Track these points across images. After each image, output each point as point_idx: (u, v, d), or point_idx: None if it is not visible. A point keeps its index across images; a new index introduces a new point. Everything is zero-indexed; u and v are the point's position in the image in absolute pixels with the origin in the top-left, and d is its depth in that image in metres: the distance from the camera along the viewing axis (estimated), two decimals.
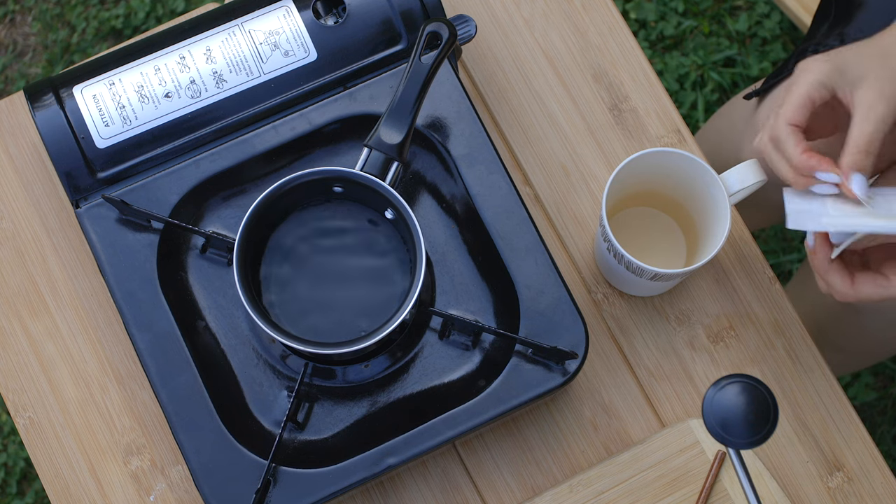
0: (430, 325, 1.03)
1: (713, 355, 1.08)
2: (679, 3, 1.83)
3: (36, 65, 1.87)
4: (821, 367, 1.08)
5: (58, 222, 1.09)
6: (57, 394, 1.06)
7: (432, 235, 1.04)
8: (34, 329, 1.07)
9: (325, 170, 0.99)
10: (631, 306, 1.08)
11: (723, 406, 0.87)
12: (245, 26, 1.04)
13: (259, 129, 1.04)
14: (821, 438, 1.06)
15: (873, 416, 1.71)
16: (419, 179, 1.05)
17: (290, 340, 0.96)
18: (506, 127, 1.12)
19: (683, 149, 1.11)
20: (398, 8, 1.05)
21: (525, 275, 1.01)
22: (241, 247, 0.97)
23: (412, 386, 1.02)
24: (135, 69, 1.03)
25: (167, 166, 1.03)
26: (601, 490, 1.03)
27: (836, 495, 1.05)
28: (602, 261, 1.06)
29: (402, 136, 0.98)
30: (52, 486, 1.05)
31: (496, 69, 1.13)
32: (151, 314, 1.00)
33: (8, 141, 1.11)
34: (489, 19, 1.14)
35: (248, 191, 1.05)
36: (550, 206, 1.10)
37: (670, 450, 1.04)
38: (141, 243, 1.02)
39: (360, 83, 1.05)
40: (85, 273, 1.08)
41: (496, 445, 1.06)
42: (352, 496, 1.04)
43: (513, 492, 1.05)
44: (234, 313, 1.03)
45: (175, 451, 1.05)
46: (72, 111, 1.02)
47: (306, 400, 1.01)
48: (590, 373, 1.07)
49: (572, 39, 1.14)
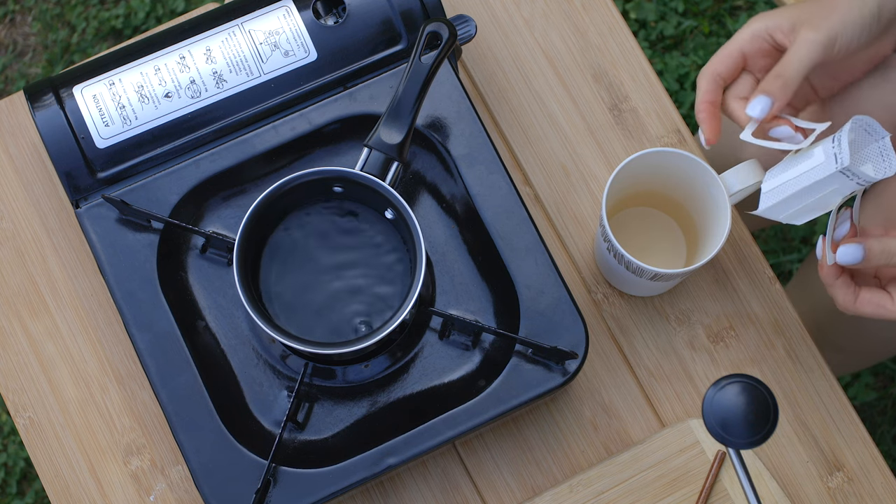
0: (430, 325, 1.03)
1: (713, 355, 1.08)
2: (679, 3, 1.83)
3: (36, 65, 1.87)
4: (821, 367, 1.08)
5: (58, 222, 1.09)
6: (57, 394, 1.06)
7: (432, 235, 1.04)
8: (34, 329, 1.07)
9: (325, 170, 0.99)
10: (631, 306, 1.08)
11: (723, 406, 0.87)
12: (245, 26, 1.04)
13: (259, 129, 1.04)
14: (821, 438, 1.06)
15: (873, 416, 1.71)
16: (419, 179, 1.05)
17: (290, 340, 0.96)
18: (506, 127, 1.12)
19: (683, 149, 1.11)
20: (398, 8, 1.05)
21: (525, 275, 1.01)
22: (241, 247, 0.97)
23: (412, 386, 1.02)
24: (135, 69, 1.03)
25: (167, 166, 1.03)
26: (601, 490, 1.03)
27: (836, 495, 1.05)
28: (602, 261, 1.06)
29: (402, 136, 0.98)
30: (52, 486, 1.05)
31: (496, 69, 1.13)
32: (151, 314, 1.00)
33: (8, 141, 1.11)
34: (489, 19, 1.14)
35: (248, 191, 1.05)
36: (550, 206, 1.10)
37: (670, 450, 1.04)
38: (141, 243, 1.02)
39: (360, 83, 1.05)
40: (85, 273, 1.08)
41: (496, 445, 1.06)
42: (352, 496, 1.04)
43: (513, 492, 1.05)
44: (234, 313, 1.03)
45: (175, 451, 1.05)
46: (72, 111, 1.02)
47: (306, 400, 1.01)
48: (590, 373, 1.07)
49: (572, 39, 1.14)
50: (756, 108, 0.96)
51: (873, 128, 0.94)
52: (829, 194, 0.94)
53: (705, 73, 0.99)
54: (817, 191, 0.94)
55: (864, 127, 0.94)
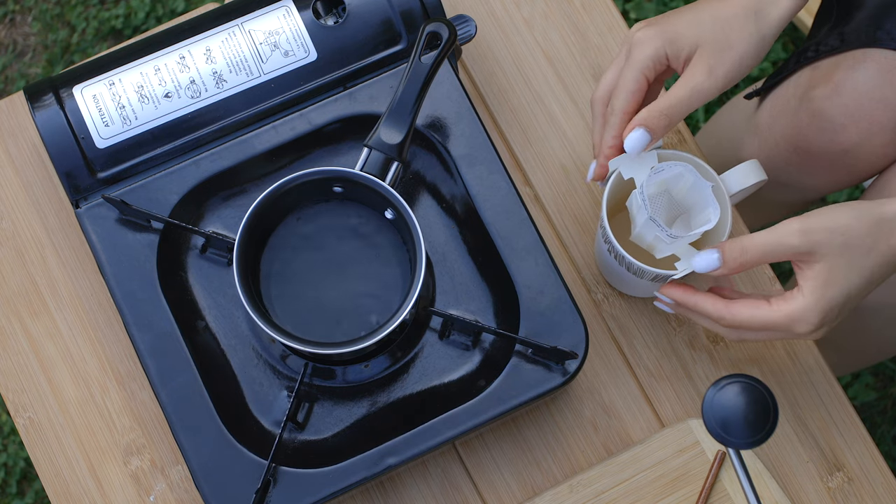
0: (430, 325, 1.03)
1: (713, 355, 1.08)
2: (679, 3, 1.83)
3: (36, 65, 1.87)
4: (821, 367, 1.08)
5: (58, 222, 1.09)
6: (57, 394, 1.06)
7: (432, 235, 1.04)
8: (34, 329, 1.07)
9: (325, 170, 0.99)
10: (631, 306, 1.08)
11: (723, 406, 0.87)
12: (245, 26, 1.04)
13: (259, 129, 1.04)
14: (821, 438, 1.06)
15: (873, 416, 1.71)
16: (419, 179, 1.05)
17: (290, 340, 0.96)
18: (506, 127, 1.12)
19: (683, 149, 1.11)
20: (398, 8, 1.05)
21: (525, 275, 1.01)
22: (241, 247, 0.97)
23: (412, 386, 1.02)
24: (135, 69, 1.03)
25: (167, 166, 1.03)
26: (601, 490, 1.03)
27: (836, 495, 1.05)
28: (602, 262, 1.06)
29: (402, 136, 0.98)
30: (52, 486, 1.05)
31: (496, 69, 1.13)
32: (151, 314, 1.00)
33: (8, 141, 1.11)
34: (489, 19, 1.14)
35: (248, 191, 1.05)
36: (550, 206, 1.10)
37: (670, 450, 1.04)
38: (141, 243, 1.02)
39: (360, 83, 1.05)
40: (85, 273, 1.08)
41: (496, 445, 1.06)
42: (352, 496, 1.04)
43: (513, 492, 1.05)
44: (234, 313, 1.03)
45: (175, 451, 1.05)
46: (72, 111, 1.02)
47: (306, 400, 1.01)
48: (590, 373, 1.07)
49: (572, 39, 1.14)
50: (635, 141, 0.93)
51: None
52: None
53: (600, 100, 0.97)
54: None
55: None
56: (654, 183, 0.98)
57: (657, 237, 0.97)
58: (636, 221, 0.98)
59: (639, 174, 0.98)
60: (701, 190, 0.98)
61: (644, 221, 0.96)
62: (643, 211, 0.96)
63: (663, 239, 0.96)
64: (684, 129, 1.12)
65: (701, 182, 0.97)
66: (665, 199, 1.01)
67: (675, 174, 0.98)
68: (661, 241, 0.97)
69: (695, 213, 1.00)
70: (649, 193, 0.98)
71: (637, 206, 0.97)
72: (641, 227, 0.97)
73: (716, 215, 0.97)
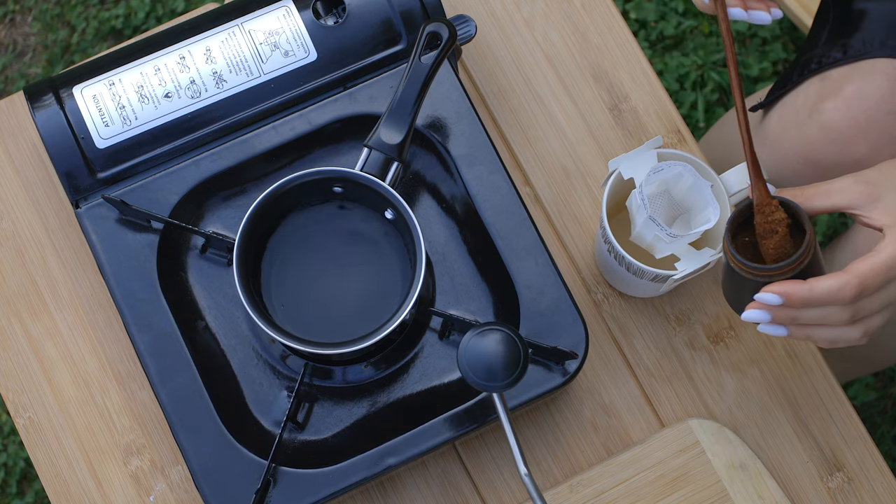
0: (430, 325, 1.03)
1: (713, 355, 1.08)
2: (679, 3, 1.83)
3: (36, 65, 1.87)
4: (821, 367, 1.08)
5: (58, 222, 1.09)
6: (57, 394, 1.06)
7: (432, 235, 1.04)
8: (34, 329, 1.07)
9: (325, 170, 0.99)
10: (631, 306, 1.08)
11: (478, 354, 0.90)
12: (245, 26, 1.04)
13: (259, 129, 1.04)
14: (821, 438, 1.06)
15: (873, 416, 1.71)
16: (419, 179, 1.05)
17: (290, 340, 0.96)
18: (506, 127, 1.12)
19: (683, 149, 1.11)
20: (398, 8, 1.05)
21: (525, 275, 1.01)
22: (241, 247, 0.97)
23: (412, 386, 1.02)
24: (135, 69, 1.03)
25: (167, 166, 1.03)
26: (601, 490, 1.03)
27: (836, 495, 1.05)
28: (602, 262, 1.06)
29: (402, 136, 0.98)
30: (52, 486, 1.05)
31: (496, 69, 1.13)
32: (151, 314, 1.00)
33: (8, 141, 1.11)
34: (489, 19, 1.14)
35: (248, 191, 1.05)
36: (550, 206, 1.10)
37: (670, 450, 1.04)
38: (141, 243, 1.02)
39: (360, 83, 1.05)
40: (85, 273, 1.08)
41: (496, 445, 1.06)
42: (352, 496, 1.04)
43: (513, 492, 1.05)
44: (234, 313, 1.03)
45: (175, 451, 1.05)
46: (72, 111, 1.02)
47: (306, 400, 1.01)
48: (590, 373, 1.07)
49: (572, 39, 1.14)
50: None
51: None
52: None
53: None
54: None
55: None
56: (654, 183, 0.98)
57: (657, 237, 0.97)
58: (636, 221, 0.98)
59: (638, 174, 0.98)
60: (700, 190, 0.98)
61: (644, 221, 0.96)
62: (643, 211, 0.96)
63: (663, 238, 0.96)
64: (684, 129, 1.12)
65: (700, 182, 0.97)
66: (665, 199, 1.01)
67: (674, 174, 0.98)
68: (660, 240, 0.97)
69: (694, 212, 1.00)
70: (649, 193, 0.98)
71: (637, 206, 0.97)
72: (641, 227, 0.97)
73: (715, 215, 0.97)
